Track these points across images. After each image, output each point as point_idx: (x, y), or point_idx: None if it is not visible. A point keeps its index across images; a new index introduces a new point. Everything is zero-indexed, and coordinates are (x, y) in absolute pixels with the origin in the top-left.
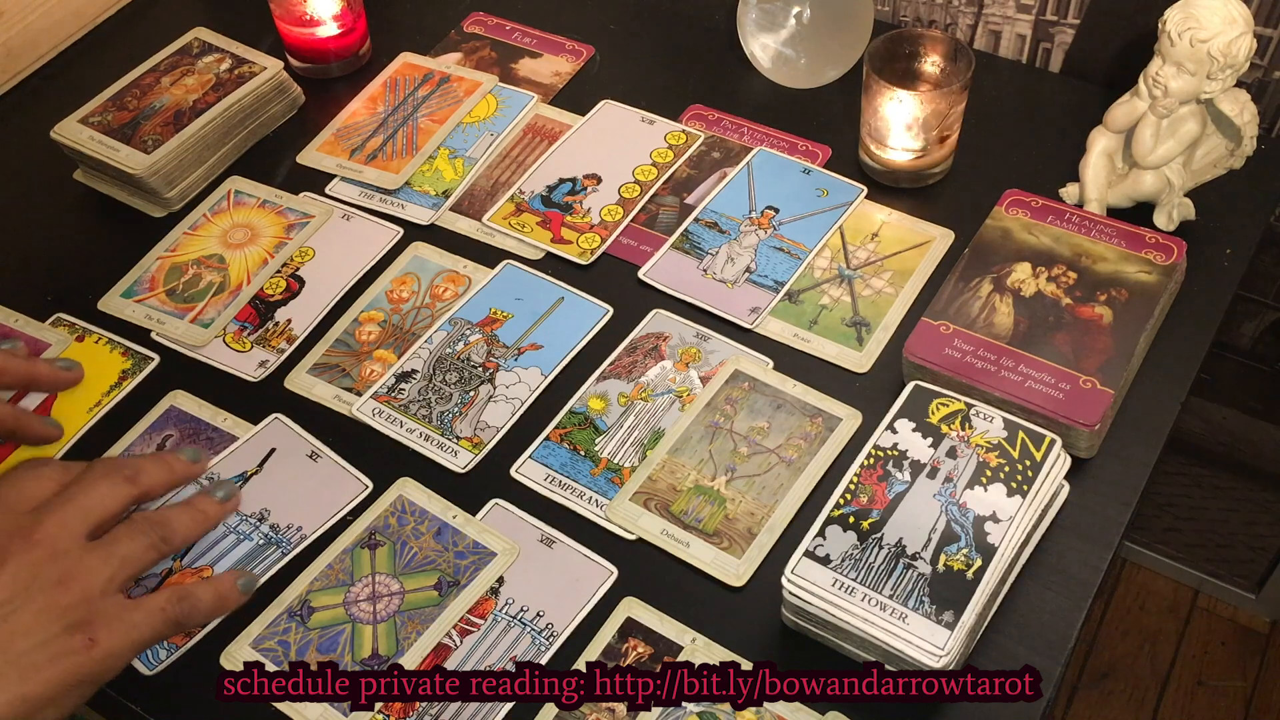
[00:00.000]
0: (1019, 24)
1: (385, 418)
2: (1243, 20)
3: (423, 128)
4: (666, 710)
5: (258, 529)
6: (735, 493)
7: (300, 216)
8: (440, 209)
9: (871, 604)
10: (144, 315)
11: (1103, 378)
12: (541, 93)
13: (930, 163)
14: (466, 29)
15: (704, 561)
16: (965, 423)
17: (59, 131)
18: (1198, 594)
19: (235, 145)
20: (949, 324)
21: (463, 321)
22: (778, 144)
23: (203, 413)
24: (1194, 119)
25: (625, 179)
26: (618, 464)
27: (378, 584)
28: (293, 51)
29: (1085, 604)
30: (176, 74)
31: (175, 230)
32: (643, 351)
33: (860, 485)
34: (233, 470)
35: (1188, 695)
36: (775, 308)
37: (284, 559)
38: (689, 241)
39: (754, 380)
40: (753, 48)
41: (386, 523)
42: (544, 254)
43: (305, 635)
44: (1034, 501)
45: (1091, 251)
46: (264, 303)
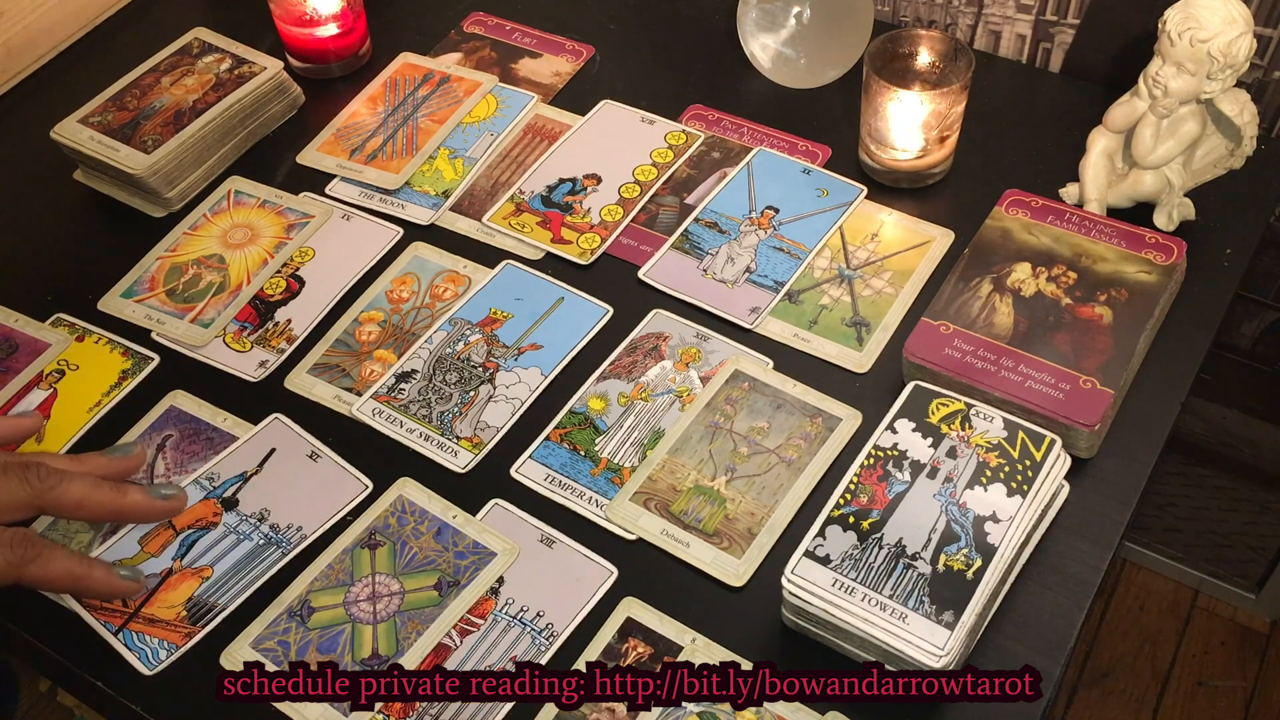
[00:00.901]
0: (1019, 24)
1: (385, 418)
2: (1243, 20)
3: (423, 128)
4: (667, 710)
5: (258, 529)
6: (735, 493)
7: (300, 216)
8: (440, 209)
9: (871, 604)
10: (144, 315)
11: (1103, 378)
12: (541, 93)
13: (930, 163)
14: (466, 29)
15: (704, 561)
16: (965, 423)
17: (59, 131)
18: (1198, 594)
19: (235, 145)
20: (949, 324)
21: (463, 321)
22: (778, 144)
23: (202, 413)
24: (1194, 119)
25: (625, 179)
26: (618, 464)
27: (378, 584)
28: (293, 51)
29: (1085, 604)
30: (176, 74)
31: (175, 230)
32: (643, 351)
33: (860, 485)
34: (233, 470)
35: (1188, 695)
36: (775, 308)
37: (284, 559)
38: (689, 241)
39: (754, 380)
40: (753, 48)
41: (386, 523)
42: (544, 254)
43: (305, 635)
44: (1034, 501)
45: (1091, 251)
46: (264, 303)
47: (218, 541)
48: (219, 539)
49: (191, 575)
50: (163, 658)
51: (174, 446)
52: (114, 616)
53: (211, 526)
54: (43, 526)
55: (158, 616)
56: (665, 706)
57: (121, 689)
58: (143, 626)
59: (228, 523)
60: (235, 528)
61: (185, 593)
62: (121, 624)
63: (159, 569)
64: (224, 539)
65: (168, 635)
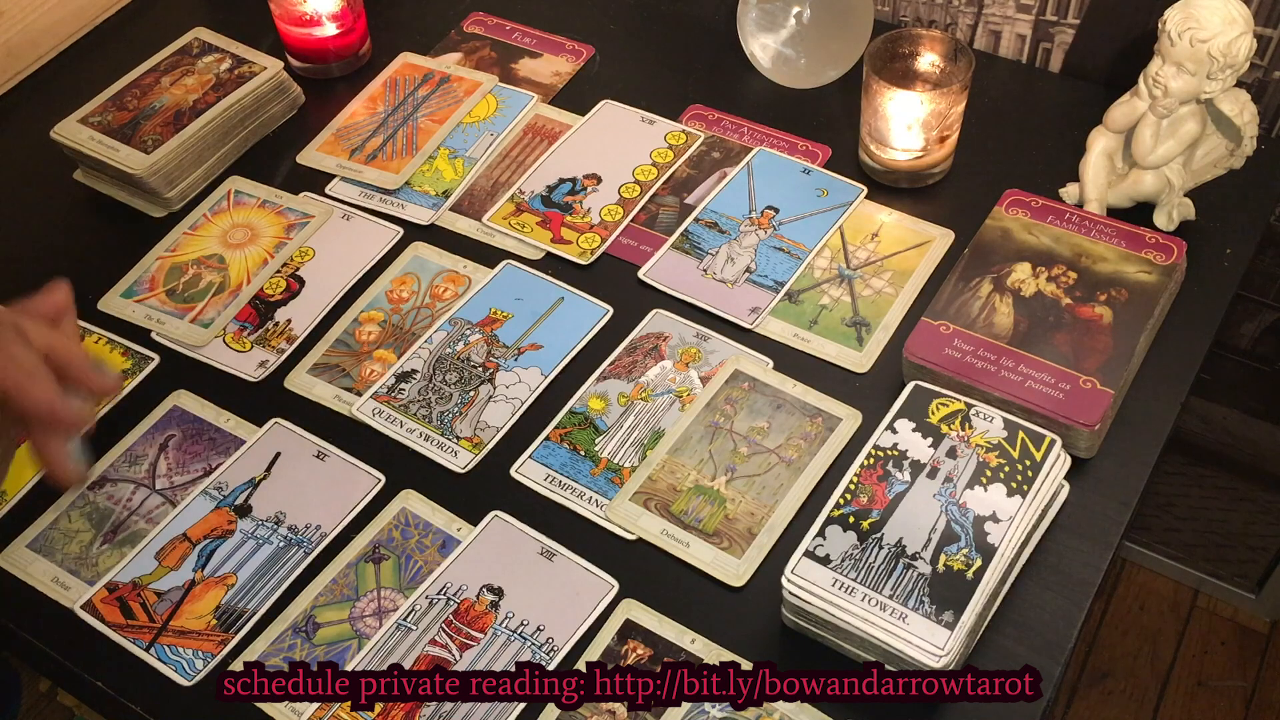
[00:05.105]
0: (1019, 24)
1: (385, 418)
2: (1243, 20)
3: (423, 128)
4: (692, 708)
5: (276, 532)
6: (735, 493)
7: (300, 216)
8: (440, 209)
9: (871, 604)
10: (144, 315)
11: (1103, 378)
12: (541, 93)
13: (930, 163)
14: (466, 29)
15: (704, 561)
16: (965, 423)
17: (59, 131)
18: (1198, 594)
19: (235, 145)
20: (949, 324)
21: (463, 321)
22: (778, 144)
23: (205, 413)
24: (1194, 119)
25: (625, 179)
26: (618, 464)
27: (383, 599)
28: (293, 51)
29: (1085, 604)
30: (176, 74)
31: (175, 230)
32: (643, 351)
33: (860, 485)
34: (241, 477)
35: (1188, 695)
36: (775, 308)
37: (307, 558)
38: (689, 241)
39: (754, 380)
40: (753, 48)
41: (390, 536)
42: (544, 254)
43: (311, 651)
44: (1034, 501)
45: (1091, 251)
46: (264, 303)
47: (237, 548)
48: (237, 546)
49: (216, 584)
50: (199, 668)
51: (176, 446)
52: (142, 633)
53: (228, 535)
54: (44, 525)
55: (188, 628)
56: (666, 707)
57: (121, 688)
58: (174, 639)
59: (244, 529)
60: (253, 533)
61: (212, 602)
62: (151, 639)
63: (180, 581)
64: (243, 545)
65: (201, 645)
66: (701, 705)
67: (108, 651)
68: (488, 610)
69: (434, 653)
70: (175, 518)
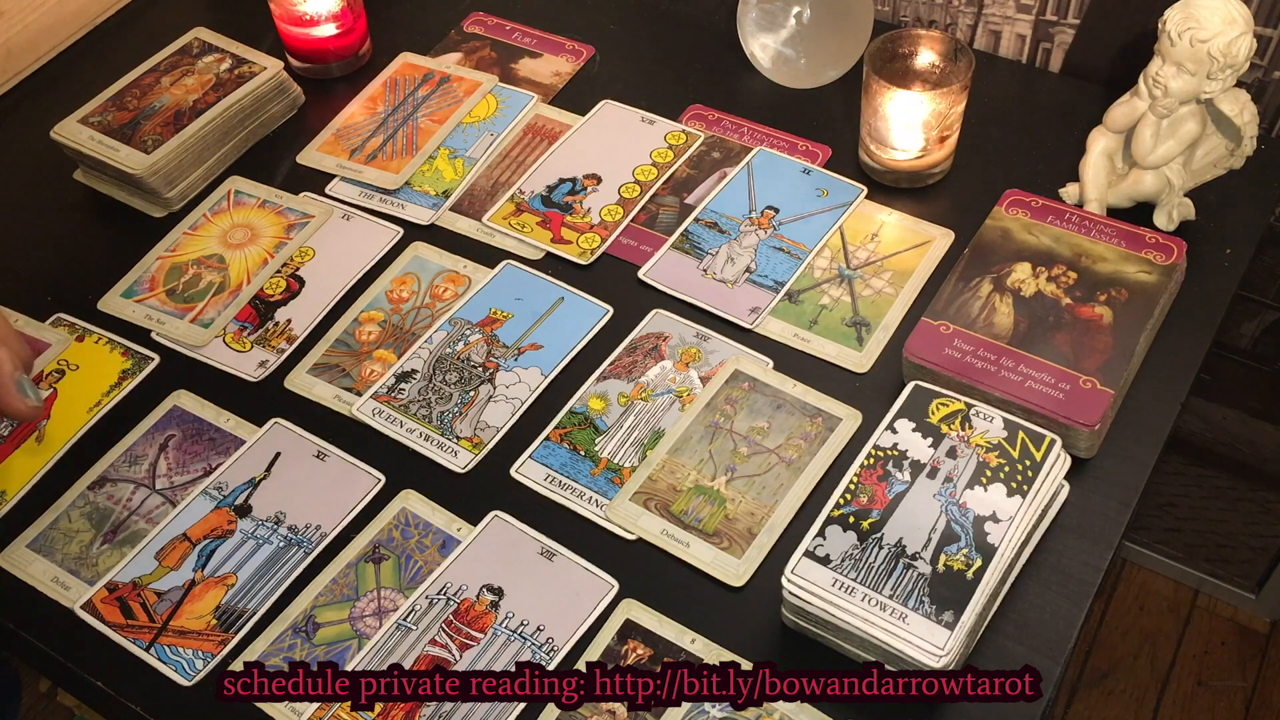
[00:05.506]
0: (1019, 24)
1: (385, 418)
2: (1243, 20)
3: (423, 128)
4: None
5: (276, 532)
6: (735, 493)
7: (300, 216)
8: (440, 209)
9: (871, 604)
10: (144, 315)
11: (1103, 378)
12: (541, 93)
13: (930, 163)
14: (466, 29)
15: (704, 561)
16: (965, 423)
17: (59, 131)
18: (1198, 594)
19: (235, 145)
20: (949, 324)
21: (463, 321)
22: (778, 144)
23: (205, 413)
24: (1194, 119)
25: (625, 179)
26: (618, 464)
27: (383, 599)
28: (293, 51)
29: (1085, 604)
30: (176, 74)
31: (175, 230)
32: (643, 351)
33: (860, 485)
34: (241, 478)
35: (1188, 695)
36: (775, 308)
37: (307, 558)
38: (689, 241)
39: (754, 380)
40: (753, 48)
41: (390, 536)
42: (544, 254)
43: (311, 651)
44: (1034, 501)
45: (1091, 251)
46: (264, 303)
47: (237, 548)
48: (237, 546)
49: (216, 584)
50: (199, 668)
51: (176, 446)
52: (142, 633)
53: (227, 535)
54: (44, 525)
55: (188, 628)
56: (667, 707)
57: (120, 688)
58: (174, 639)
59: (244, 529)
60: (253, 533)
61: (212, 602)
62: (151, 639)
63: (180, 581)
64: (243, 545)
65: (201, 645)
66: (701, 705)
67: (108, 651)
68: (488, 610)
69: (434, 653)
70: (175, 518)
